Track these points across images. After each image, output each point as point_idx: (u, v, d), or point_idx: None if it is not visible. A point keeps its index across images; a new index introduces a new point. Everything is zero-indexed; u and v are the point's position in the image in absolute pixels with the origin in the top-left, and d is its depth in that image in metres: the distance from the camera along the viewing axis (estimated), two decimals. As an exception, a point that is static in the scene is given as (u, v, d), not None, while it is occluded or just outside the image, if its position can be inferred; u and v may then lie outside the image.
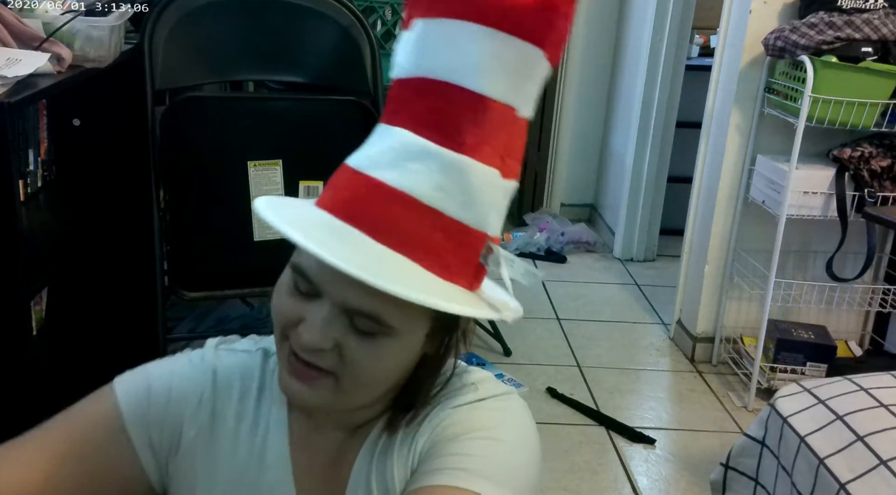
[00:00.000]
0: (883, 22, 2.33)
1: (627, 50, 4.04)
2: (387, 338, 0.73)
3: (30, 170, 1.92)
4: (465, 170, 0.70)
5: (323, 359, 0.74)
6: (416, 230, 0.70)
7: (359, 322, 0.72)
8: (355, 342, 0.73)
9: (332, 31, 2.04)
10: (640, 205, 3.87)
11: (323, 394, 0.76)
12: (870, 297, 2.80)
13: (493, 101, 0.71)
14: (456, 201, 0.70)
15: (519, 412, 0.84)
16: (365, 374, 0.75)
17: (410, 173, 0.70)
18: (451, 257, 0.72)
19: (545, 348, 2.97)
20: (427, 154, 0.70)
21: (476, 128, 0.70)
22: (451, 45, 0.71)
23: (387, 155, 0.72)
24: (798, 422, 1.61)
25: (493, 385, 0.86)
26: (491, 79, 0.70)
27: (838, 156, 2.47)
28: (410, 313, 0.72)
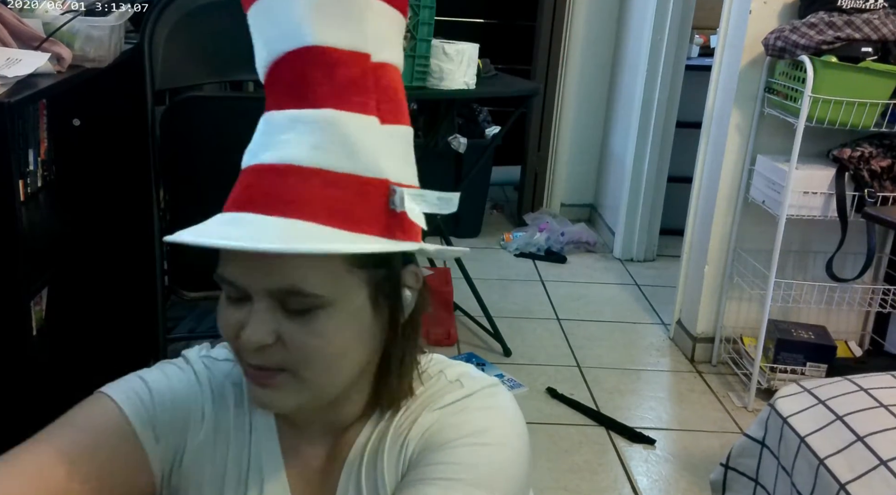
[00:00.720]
0: (883, 22, 2.33)
1: (627, 50, 4.04)
2: (322, 311, 0.71)
3: (30, 170, 1.92)
4: (334, 122, 0.70)
5: (272, 356, 0.72)
6: (306, 194, 0.69)
7: (289, 303, 0.71)
8: (294, 325, 0.71)
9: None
10: (640, 205, 3.87)
11: (289, 394, 0.75)
12: (870, 297, 2.80)
13: (334, 49, 0.71)
14: (337, 154, 0.70)
15: (505, 407, 0.83)
16: (317, 356, 0.73)
17: (284, 144, 0.70)
18: (354, 209, 0.70)
19: (545, 348, 2.97)
20: (292, 121, 0.71)
21: (328, 81, 0.70)
22: (275, 16, 0.72)
23: (261, 139, 0.73)
24: (798, 423, 1.61)
25: (475, 378, 0.85)
26: (320, 29, 0.70)
27: (838, 157, 2.47)
28: (333, 276, 0.71)
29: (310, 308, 0.71)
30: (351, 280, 0.73)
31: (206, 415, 0.84)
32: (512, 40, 4.80)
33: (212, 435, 0.84)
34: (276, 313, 0.71)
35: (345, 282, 0.72)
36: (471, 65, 2.60)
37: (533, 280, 3.63)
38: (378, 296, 0.75)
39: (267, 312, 0.71)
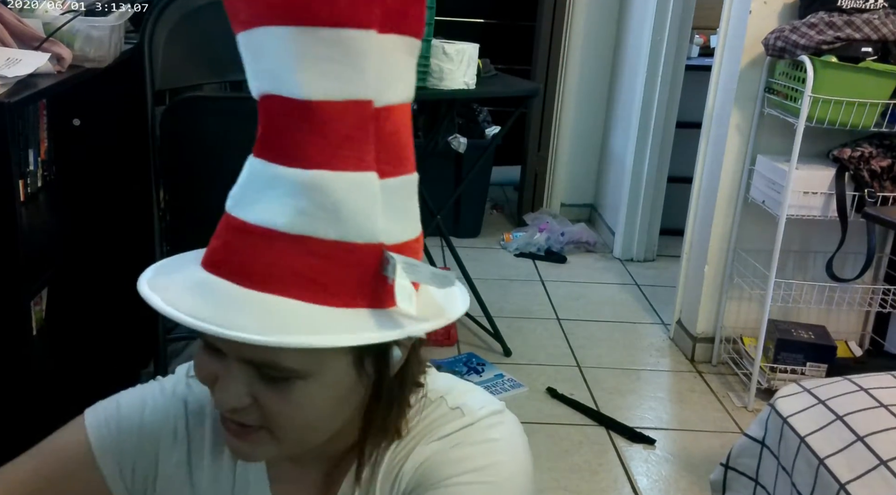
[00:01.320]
0: (883, 22, 2.33)
1: (627, 50, 4.04)
2: (301, 381, 0.67)
3: (30, 170, 1.92)
4: (322, 186, 0.63)
5: (247, 415, 0.69)
6: (286, 264, 0.63)
7: (265, 370, 0.66)
8: (270, 392, 0.67)
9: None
10: (640, 205, 3.86)
11: (265, 448, 0.71)
12: (870, 297, 2.80)
13: (326, 102, 0.63)
14: (324, 221, 0.63)
15: (510, 438, 0.77)
16: (295, 422, 0.69)
17: (267, 204, 0.64)
18: (339, 282, 0.64)
19: (545, 348, 2.97)
20: (277, 179, 0.64)
21: (319, 139, 0.63)
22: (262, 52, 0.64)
23: (245, 189, 0.66)
24: (798, 423, 1.61)
25: (479, 404, 0.79)
26: (309, 80, 0.62)
27: (838, 157, 2.47)
28: (312, 352, 0.66)
29: (288, 376, 0.66)
30: (332, 352, 0.67)
31: (180, 439, 0.81)
32: (512, 40, 4.80)
33: (188, 457, 0.81)
34: (251, 376, 0.67)
35: (325, 355, 0.67)
36: (471, 65, 2.60)
37: (533, 280, 3.63)
38: (363, 360, 0.70)
39: (242, 375, 0.67)
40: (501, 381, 2.68)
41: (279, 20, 0.62)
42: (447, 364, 2.71)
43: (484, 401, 0.79)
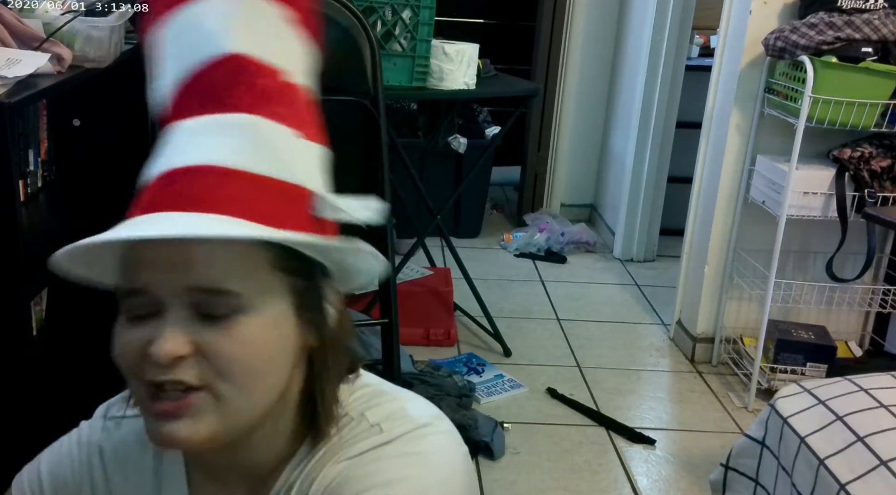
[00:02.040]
0: (883, 22, 2.33)
1: (627, 50, 4.04)
2: (244, 315, 0.66)
3: (30, 170, 1.92)
4: (257, 126, 0.68)
5: (187, 371, 0.66)
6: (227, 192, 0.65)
7: (207, 306, 0.65)
8: (213, 333, 0.66)
9: (332, 31, 2.04)
10: (640, 205, 3.86)
11: (201, 421, 0.67)
12: (870, 298, 2.80)
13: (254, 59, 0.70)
14: (261, 157, 0.67)
15: (433, 451, 0.73)
16: (239, 367, 0.66)
17: (201, 147, 0.67)
18: (277, 211, 0.67)
19: (545, 348, 2.97)
20: (211, 124, 0.68)
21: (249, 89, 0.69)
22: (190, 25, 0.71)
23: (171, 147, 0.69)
24: (798, 423, 1.61)
25: (405, 419, 0.75)
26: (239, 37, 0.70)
27: (838, 157, 2.47)
28: (256, 275, 0.67)
29: (230, 312, 0.66)
30: (274, 282, 0.68)
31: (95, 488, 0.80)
32: (512, 40, 4.80)
33: None
34: (193, 321, 0.66)
35: (268, 284, 0.68)
36: (471, 65, 2.60)
37: (533, 280, 3.63)
38: (301, 306, 0.70)
39: (182, 320, 0.66)
40: (501, 381, 2.68)
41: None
42: (447, 364, 2.71)
43: (414, 414, 0.76)
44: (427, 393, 2.32)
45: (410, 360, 2.54)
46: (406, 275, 3.00)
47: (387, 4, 2.45)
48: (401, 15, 2.47)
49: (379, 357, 2.30)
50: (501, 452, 2.28)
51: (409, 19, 2.49)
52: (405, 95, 3.36)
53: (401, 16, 2.47)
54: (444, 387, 2.38)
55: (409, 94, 2.99)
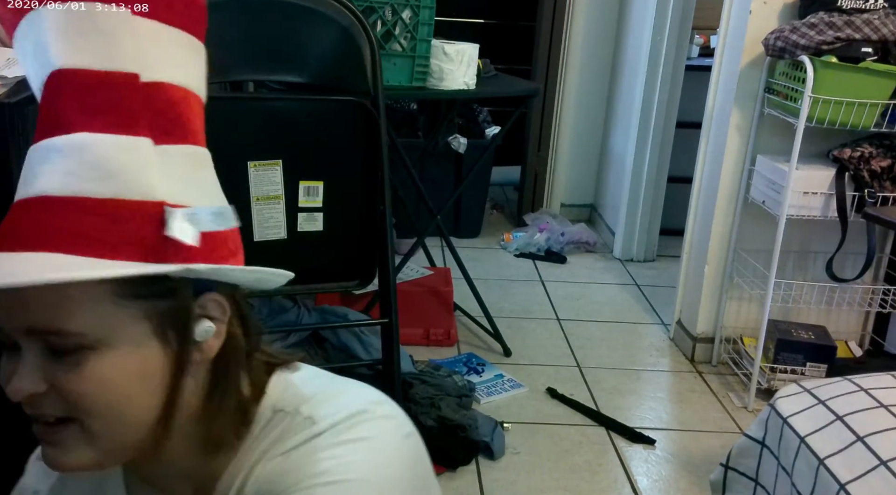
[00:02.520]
0: (883, 22, 2.33)
1: (627, 50, 4.04)
2: (92, 351, 0.65)
3: (30, 170, 1.92)
4: (86, 146, 0.64)
5: (49, 406, 0.66)
6: (57, 225, 0.63)
7: (53, 343, 0.65)
8: (63, 369, 0.65)
9: (332, 31, 2.04)
10: (640, 205, 3.86)
11: (78, 451, 0.67)
12: (870, 298, 2.80)
13: (86, 71, 0.65)
14: (91, 179, 0.64)
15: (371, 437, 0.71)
16: (100, 405, 0.65)
17: (38, 177, 0.65)
18: (110, 236, 0.64)
19: (545, 348, 2.97)
20: (46, 151, 0.65)
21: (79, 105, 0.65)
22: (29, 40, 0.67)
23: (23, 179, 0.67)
24: (798, 423, 1.61)
25: (343, 408, 0.72)
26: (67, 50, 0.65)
27: (838, 157, 2.47)
28: (98, 312, 0.65)
29: (76, 348, 0.64)
30: (121, 314, 0.65)
31: None
32: (512, 40, 4.80)
33: None
34: (46, 358, 0.65)
35: (113, 317, 0.65)
36: (471, 65, 2.60)
37: (533, 280, 3.63)
38: (165, 329, 0.68)
39: (35, 357, 0.65)
40: (501, 381, 2.68)
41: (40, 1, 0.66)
42: (447, 364, 2.71)
43: (348, 403, 0.74)
44: (427, 393, 2.32)
45: (410, 360, 2.54)
46: (406, 275, 3.01)
47: (387, 4, 2.45)
48: (401, 15, 2.47)
49: (379, 357, 2.30)
50: (501, 452, 2.28)
51: (409, 19, 2.49)
52: (405, 95, 3.37)
53: (401, 16, 2.47)
54: (444, 387, 2.38)
55: (409, 93, 2.99)
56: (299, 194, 2.02)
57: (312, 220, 2.04)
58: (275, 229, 2.01)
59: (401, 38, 2.49)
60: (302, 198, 2.02)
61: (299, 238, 2.03)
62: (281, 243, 2.01)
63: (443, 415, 2.24)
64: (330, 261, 2.12)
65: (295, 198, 2.01)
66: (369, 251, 2.13)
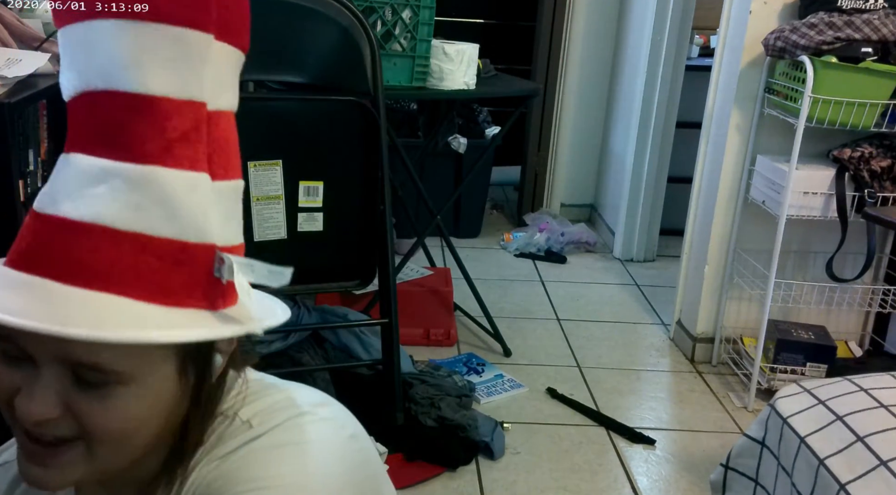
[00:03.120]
0: (883, 22, 2.33)
1: (627, 50, 4.04)
2: (122, 386, 0.63)
3: (30, 170, 1.92)
4: (157, 180, 0.62)
5: (58, 428, 0.63)
6: (114, 260, 0.61)
7: (83, 373, 0.62)
8: (87, 399, 0.63)
9: (332, 31, 2.04)
10: (640, 205, 3.87)
11: (75, 470, 0.65)
12: (870, 298, 2.80)
13: (165, 98, 0.62)
14: (156, 217, 0.62)
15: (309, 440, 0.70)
16: (112, 432, 0.64)
17: (94, 199, 0.61)
18: (171, 279, 0.62)
19: (545, 348, 2.97)
20: (108, 174, 0.61)
21: (156, 135, 0.62)
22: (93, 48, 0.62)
23: (65, 186, 0.63)
24: (798, 423, 1.61)
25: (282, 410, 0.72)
26: (150, 75, 0.61)
27: (838, 157, 2.47)
28: (139, 352, 0.63)
29: (107, 382, 0.63)
30: (158, 354, 0.65)
31: None
32: (512, 40, 4.80)
33: None
34: (66, 382, 0.63)
35: (151, 357, 0.64)
36: (471, 65, 2.60)
37: (533, 280, 3.63)
38: (186, 366, 0.67)
39: (56, 382, 0.62)
40: (501, 381, 2.68)
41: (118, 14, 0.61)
42: (447, 364, 2.71)
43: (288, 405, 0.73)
44: (427, 393, 2.32)
45: (410, 360, 2.54)
46: (406, 275, 3.01)
47: (387, 4, 2.45)
48: (401, 15, 2.47)
49: (379, 357, 2.30)
50: (501, 452, 2.28)
51: (409, 19, 2.49)
52: (405, 95, 3.37)
53: (401, 16, 2.47)
54: (444, 387, 2.38)
55: (409, 94, 2.99)
56: (299, 194, 2.02)
57: (312, 220, 2.04)
58: (275, 229, 2.01)
59: (401, 38, 2.49)
60: (302, 198, 2.02)
61: (299, 238, 2.03)
62: (281, 243, 2.01)
63: (443, 415, 2.24)
64: (330, 261, 2.12)
65: (295, 198, 2.01)
66: (369, 251, 2.13)
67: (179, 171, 0.63)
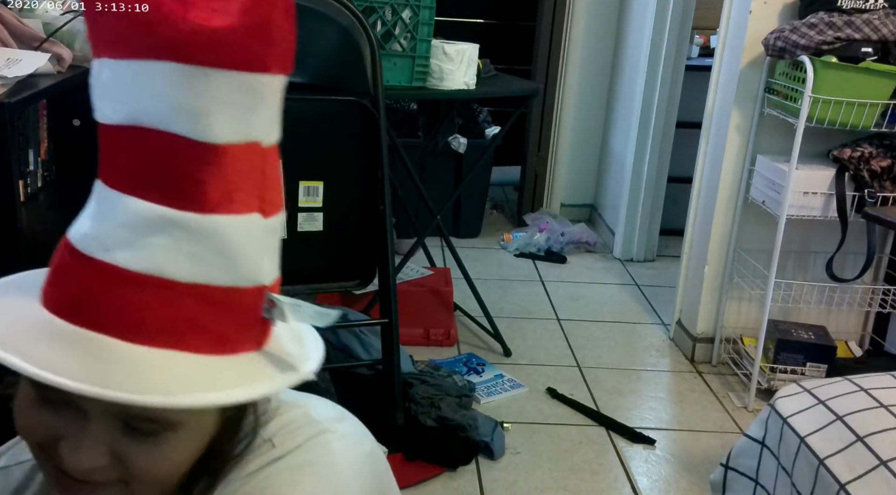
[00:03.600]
0: (883, 22, 2.33)
1: (627, 50, 4.04)
2: (172, 433, 0.62)
3: (30, 170, 1.92)
4: (219, 230, 0.60)
5: (101, 473, 0.62)
6: (175, 314, 0.59)
7: (135, 424, 0.61)
8: (136, 447, 0.62)
9: (332, 31, 2.04)
10: (640, 205, 3.87)
11: None
12: (870, 298, 2.80)
13: (228, 145, 0.59)
14: (217, 267, 0.60)
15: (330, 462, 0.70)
16: (158, 476, 0.64)
17: (153, 250, 0.59)
18: (226, 327, 0.61)
19: (545, 348, 2.97)
20: (168, 223, 0.59)
21: (218, 181, 0.59)
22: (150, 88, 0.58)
23: (118, 232, 0.59)
24: (798, 423, 1.61)
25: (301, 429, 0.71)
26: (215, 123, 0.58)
27: (838, 157, 2.47)
28: None
29: (159, 431, 0.62)
30: None
31: None
32: (512, 40, 4.80)
33: None
34: (115, 432, 0.62)
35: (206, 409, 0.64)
36: (471, 65, 2.60)
37: (533, 280, 3.63)
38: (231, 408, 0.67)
39: (106, 433, 0.61)
40: (501, 381, 2.68)
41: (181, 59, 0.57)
42: (447, 364, 2.71)
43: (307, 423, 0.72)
44: (427, 393, 2.32)
45: (410, 360, 2.54)
46: (406, 275, 3.01)
47: (387, 4, 2.45)
48: (401, 15, 2.47)
49: (379, 357, 2.30)
50: (501, 452, 2.28)
51: (409, 19, 2.49)
52: (405, 95, 3.37)
53: (401, 16, 2.47)
54: (444, 387, 2.38)
55: (409, 94, 2.99)
56: (299, 194, 2.02)
57: (312, 220, 2.05)
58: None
59: (401, 38, 2.49)
60: (302, 198, 2.02)
61: (299, 238, 2.03)
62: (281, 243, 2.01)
63: (443, 415, 2.24)
64: (330, 261, 2.12)
65: (295, 198, 2.01)
66: (369, 251, 2.13)
67: (237, 216, 0.61)
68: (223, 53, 0.58)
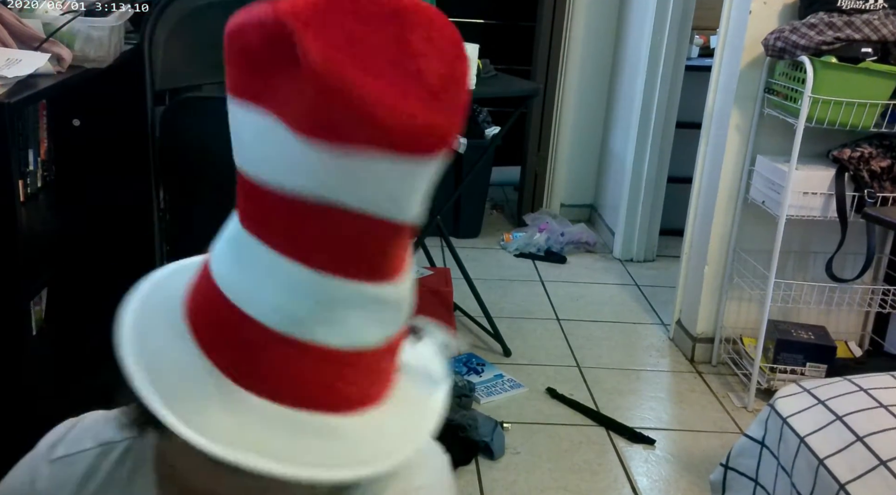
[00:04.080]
0: (883, 22, 2.33)
1: (627, 50, 4.04)
2: None
3: (30, 170, 1.92)
4: (401, 294, 0.64)
5: None
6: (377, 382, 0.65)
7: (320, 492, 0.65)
8: None
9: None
10: (640, 205, 3.87)
11: None
12: (869, 298, 2.80)
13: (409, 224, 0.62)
14: (397, 327, 0.65)
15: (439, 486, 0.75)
16: None
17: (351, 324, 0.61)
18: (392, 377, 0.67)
19: (545, 348, 2.97)
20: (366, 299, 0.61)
21: (401, 253, 0.63)
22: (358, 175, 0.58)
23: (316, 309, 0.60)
24: (798, 423, 1.61)
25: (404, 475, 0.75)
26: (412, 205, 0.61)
27: (838, 157, 2.47)
28: None
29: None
30: None
31: None
32: (512, 40, 4.79)
33: None
34: None
35: None
36: (471, 65, 2.60)
37: (533, 280, 3.63)
38: None
39: None
40: (501, 381, 2.68)
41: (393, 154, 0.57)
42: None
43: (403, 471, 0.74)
44: (427, 393, 2.32)
45: (410, 360, 2.54)
46: (406, 275, 3.00)
47: (387, 4, 2.45)
48: (401, 15, 2.47)
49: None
50: (501, 452, 2.28)
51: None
52: (405, 95, 3.36)
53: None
54: (443, 387, 2.38)
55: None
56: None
57: (312, 220, 2.04)
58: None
59: (401, 38, 2.49)
60: (302, 199, 2.02)
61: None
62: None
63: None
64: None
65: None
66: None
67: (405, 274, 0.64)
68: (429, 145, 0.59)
